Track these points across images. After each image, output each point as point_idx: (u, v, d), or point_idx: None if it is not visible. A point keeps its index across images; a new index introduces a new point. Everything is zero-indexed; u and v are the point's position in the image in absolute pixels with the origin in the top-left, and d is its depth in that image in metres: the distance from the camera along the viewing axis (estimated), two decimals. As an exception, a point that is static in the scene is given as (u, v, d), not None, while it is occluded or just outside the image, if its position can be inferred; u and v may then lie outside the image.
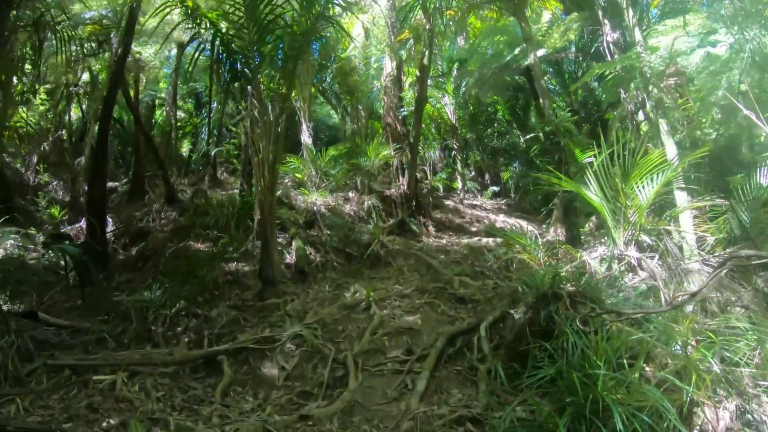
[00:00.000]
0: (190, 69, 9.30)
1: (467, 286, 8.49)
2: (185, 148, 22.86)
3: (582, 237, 10.15)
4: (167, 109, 18.87)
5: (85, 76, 17.08)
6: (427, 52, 12.35)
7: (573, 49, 17.17)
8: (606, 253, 7.52)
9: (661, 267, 7.05)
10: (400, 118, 13.56)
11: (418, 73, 12.78)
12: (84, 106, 18.95)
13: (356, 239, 10.51)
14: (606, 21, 13.91)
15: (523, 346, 5.75)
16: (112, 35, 12.19)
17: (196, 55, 9.20)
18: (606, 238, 8.12)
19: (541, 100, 10.90)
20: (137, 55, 15.27)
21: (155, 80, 20.18)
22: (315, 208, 11.23)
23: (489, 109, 19.33)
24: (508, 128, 19.18)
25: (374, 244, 10.15)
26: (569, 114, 10.73)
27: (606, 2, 14.08)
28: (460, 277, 8.89)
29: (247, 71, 8.31)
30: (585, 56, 16.76)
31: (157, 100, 21.32)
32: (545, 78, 17.99)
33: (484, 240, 11.92)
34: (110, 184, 16.73)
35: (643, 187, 7.19)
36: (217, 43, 8.38)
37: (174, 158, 17.98)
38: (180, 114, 22.38)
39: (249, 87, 8.07)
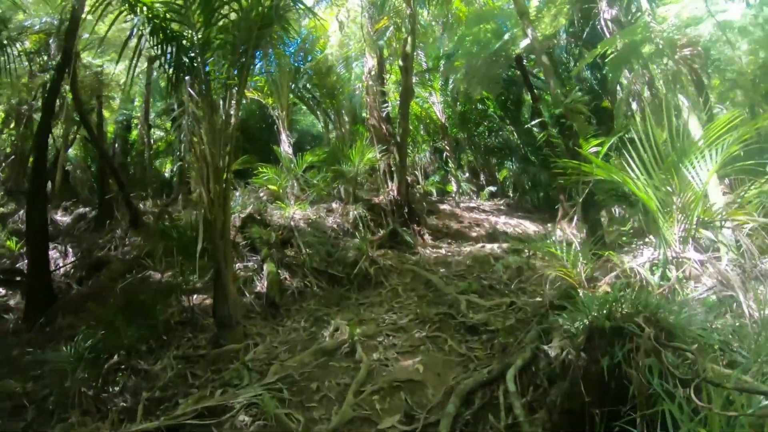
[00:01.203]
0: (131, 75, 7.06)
1: (477, 308, 6.41)
2: (167, 168, 20.79)
3: (605, 236, 8.08)
4: (140, 127, 16.78)
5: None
6: (410, 39, 10.29)
7: (563, 36, 15.23)
8: (655, 257, 5.46)
9: (733, 271, 5.00)
10: (384, 116, 11.48)
11: (401, 63, 10.71)
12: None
13: (341, 257, 8.38)
14: (602, -3, 12.04)
15: (575, 406, 3.73)
16: (51, 41, 10.09)
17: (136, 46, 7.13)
18: (651, 236, 6.08)
19: (546, 83, 8.83)
20: (97, 69, 13.15)
21: (129, 98, 18.04)
22: (293, 223, 9.11)
23: (479, 106, 17.31)
24: (501, 125, 17.14)
25: (362, 262, 8.05)
26: (579, 94, 8.67)
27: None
28: (467, 296, 6.83)
29: (186, 60, 6.21)
30: (577, 41, 14.76)
31: (134, 120, 19.27)
32: (535, 70, 16.04)
33: (488, 246, 9.84)
34: (80, 209, 14.75)
35: (695, 169, 5.19)
36: (148, 29, 6.30)
37: (149, 179, 15.84)
38: (159, 133, 20.34)
39: (187, 78, 5.98)
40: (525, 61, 14.26)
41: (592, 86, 15.40)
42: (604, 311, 3.82)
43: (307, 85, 15.13)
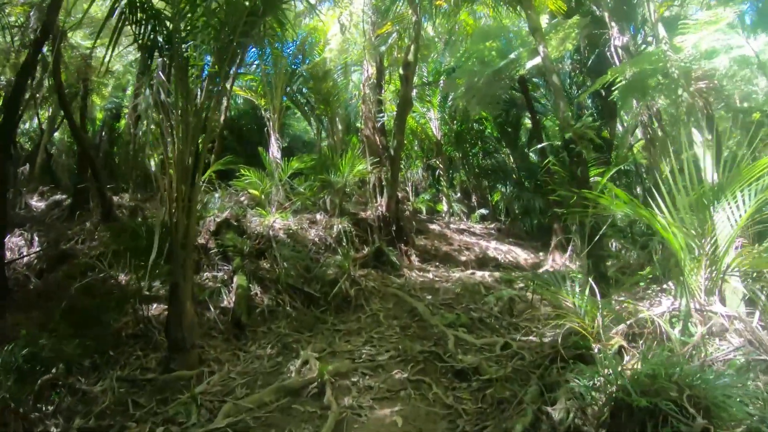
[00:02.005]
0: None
1: (467, 347, 5.57)
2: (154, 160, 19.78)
3: (610, 275, 7.27)
4: (128, 117, 15.81)
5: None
6: (413, 48, 9.51)
7: (568, 61, 14.57)
8: (675, 308, 4.70)
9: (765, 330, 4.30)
10: (379, 127, 10.66)
11: (401, 71, 9.92)
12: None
13: (319, 274, 7.48)
14: (613, 24, 11.40)
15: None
16: (31, 13, 9.19)
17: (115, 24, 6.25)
18: (670, 283, 5.29)
19: (555, 104, 8.03)
20: (85, 50, 12.25)
21: (120, 86, 17.09)
22: (271, 232, 8.21)
23: (475, 126, 16.55)
24: (497, 146, 16.37)
25: (342, 281, 7.19)
26: (590, 119, 7.89)
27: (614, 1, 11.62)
28: (455, 331, 5.99)
29: (162, 39, 5.36)
30: (582, 68, 14.07)
31: (124, 109, 18.27)
32: (537, 94, 15.34)
33: (479, 274, 9.01)
34: (57, 196, 13.76)
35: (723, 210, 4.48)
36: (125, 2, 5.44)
37: (130, 171, 14.80)
38: (153, 126, 19.31)
39: (160, 58, 5.13)
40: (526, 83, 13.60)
41: (593, 114, 14.75)
42: (635, 384, 3.01)
43: (303, 89, 14.29)
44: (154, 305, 6.58)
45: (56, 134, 18.05)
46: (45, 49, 10.83)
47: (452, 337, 5.72)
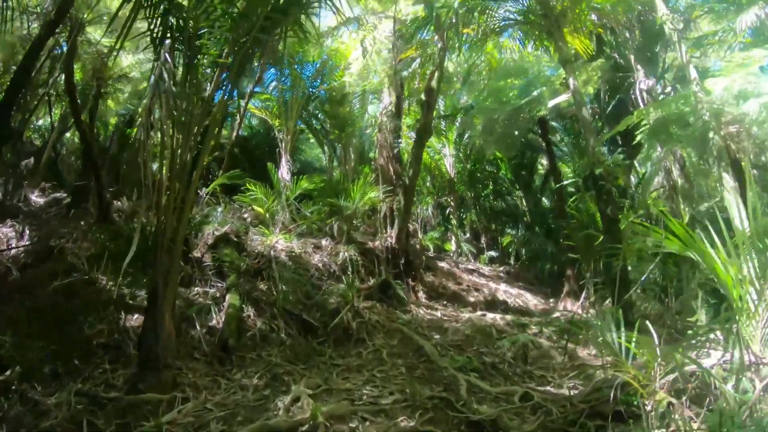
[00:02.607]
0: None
1: (481, 395, 4.78)
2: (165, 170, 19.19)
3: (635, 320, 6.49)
4: (140, 125, 15.24)
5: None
6: (436, 74, 8.96)
7: (588, 106, 14.03)
8: (726, 360, 4.00)
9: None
10: (394, 154, 10.06)
11: (423, 97, 9.34)
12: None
13: (320, 302, 6.74)
14: (639, 67, 10.97)
15: None
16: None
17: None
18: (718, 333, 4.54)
19: (586, 137, 7.43)
20: (102, 46, 11.76)
21: (135, 93, 16.64)
22: (273, 252, 7.48)
23: (489, 167, 16.00)
24: (510, 189, 15.76)
25: (344, 311, 6.44)
26: (621, 157, 7.27)
27: (639, 45, 11.28)
28: (467, 376, 5.21)
29: (172, 21, 4.77)
30: (601, 114, 13.50)
31: (138, 117, 17.78)
32: (552, 137, 14.76)
33: (490, 316, 8.25)
34: (58, 194, 13.20)
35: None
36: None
37: (136, 177, 14.19)
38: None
39: (167, 40, 4.53)
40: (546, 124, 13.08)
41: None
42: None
43: (318, 114, 13.79)
44: (135, 315, 5.83)
45: (68, 134, 17.62)
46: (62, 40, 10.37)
47: (464, 382, 4.94)
